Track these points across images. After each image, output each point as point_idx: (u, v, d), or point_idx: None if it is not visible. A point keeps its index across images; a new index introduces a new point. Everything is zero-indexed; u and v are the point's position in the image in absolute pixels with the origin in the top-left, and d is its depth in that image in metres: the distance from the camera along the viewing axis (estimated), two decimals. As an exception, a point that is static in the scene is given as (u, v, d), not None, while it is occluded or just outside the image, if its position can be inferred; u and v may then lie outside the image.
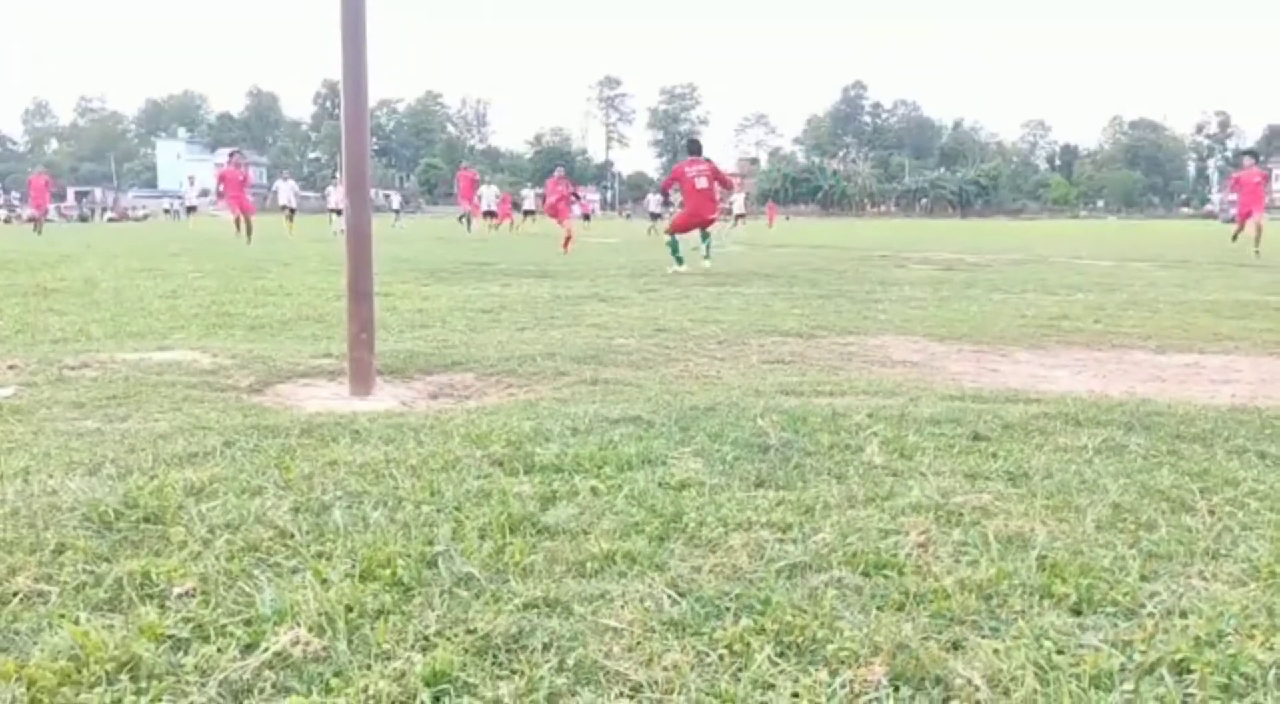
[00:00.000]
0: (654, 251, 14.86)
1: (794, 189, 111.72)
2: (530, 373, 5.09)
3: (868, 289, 10.83)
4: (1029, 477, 2.97)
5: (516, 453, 3.15)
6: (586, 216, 46.67)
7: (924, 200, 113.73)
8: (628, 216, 72.22)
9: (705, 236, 13.78)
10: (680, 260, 13.22)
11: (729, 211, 40.33)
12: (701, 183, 13.48)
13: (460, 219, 30.87)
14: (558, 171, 22.07)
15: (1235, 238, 19.37)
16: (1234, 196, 20.83)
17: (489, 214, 30.89)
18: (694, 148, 14.26)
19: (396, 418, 3.80)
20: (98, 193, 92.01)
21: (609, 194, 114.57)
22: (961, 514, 2.59)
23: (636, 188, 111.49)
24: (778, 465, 3.07)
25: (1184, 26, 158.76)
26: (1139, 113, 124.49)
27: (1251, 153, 21.56)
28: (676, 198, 16.13)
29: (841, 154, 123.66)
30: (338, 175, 35.35)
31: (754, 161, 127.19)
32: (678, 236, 13.52)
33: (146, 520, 2.47)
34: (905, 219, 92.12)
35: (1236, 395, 4.57)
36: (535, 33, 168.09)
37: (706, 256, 13.51)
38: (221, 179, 23.00)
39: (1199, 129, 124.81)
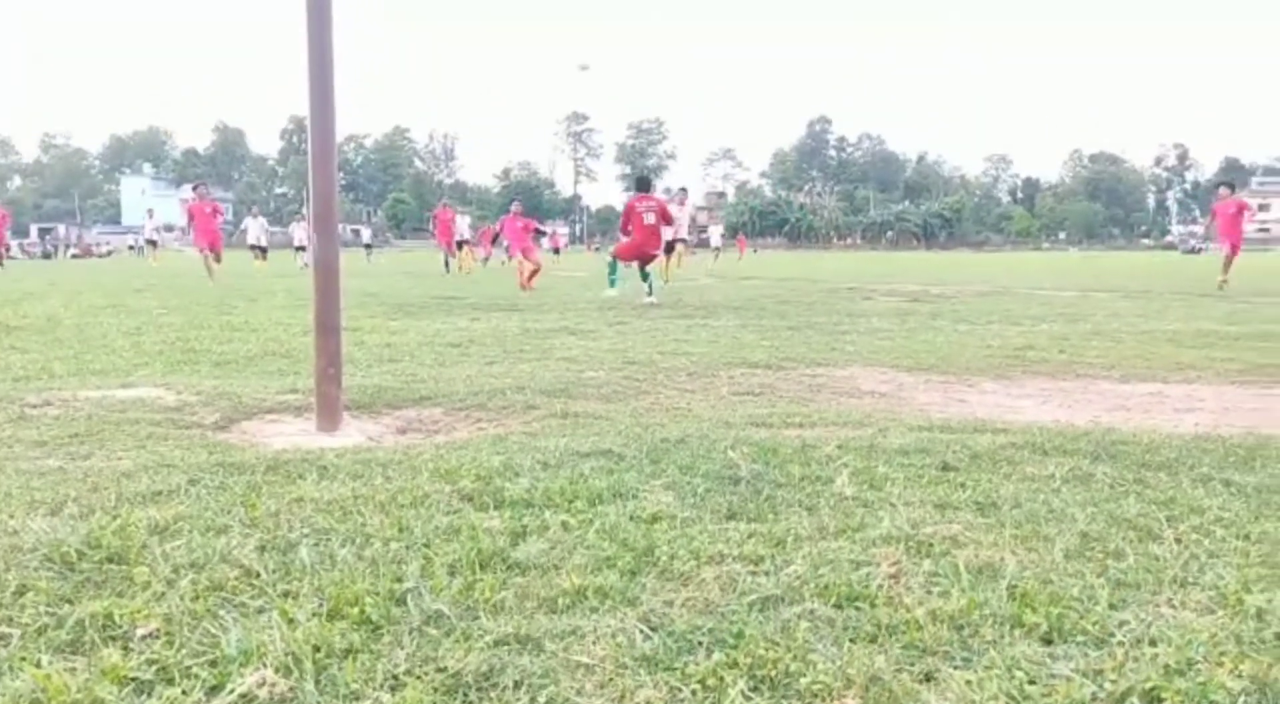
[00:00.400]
0: (630, 280, 14.91)
1: (761, 222, 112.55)
2: (499, 407, 5.07)
3: (835, 321, 10.90)
4: (998, 506, 2.99)
5: (486, 488, 3.13)
6: (556, 250, 46.78)
7: (889, 233, 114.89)
8: (596, 250, 72.45)
9: (645, 275, 14.06)
10: (613, 283, 14.14)
11: (708, 244, 40.60)
12: (650, 219, 14.12)
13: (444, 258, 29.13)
14: (514, 207, 21.11)
15: (1223, 279, 17.96)
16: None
17: (461, 243, 29.51)
18: (643, 185, 15.14)
19: (364, 453, 3.76)
20: (61, 229, 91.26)
21: (578, 228, 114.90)
22: (932, 545, 2.60)
23: (605, 221, 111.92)
24: (749, 497, 3.07)
25: (1142, 61, 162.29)
26: (1099, 146, 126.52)
27: (1227, 183, 20.95)
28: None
29: (807, 187, 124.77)
30: (304, 210, 34.82)
31: (721, 195, 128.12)
32: (621, 267, 14.41)
33: (109, 560, 2.43)
34: (871, 251, 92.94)
35: (1200, 424, 4.63)
36: (503, 68, 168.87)
37: (649, 293, 13.75)
38: (190, 215, 22.05)
39: (1158, 161, 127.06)
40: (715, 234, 42.32)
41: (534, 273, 18.00)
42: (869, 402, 5.48)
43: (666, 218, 14.61)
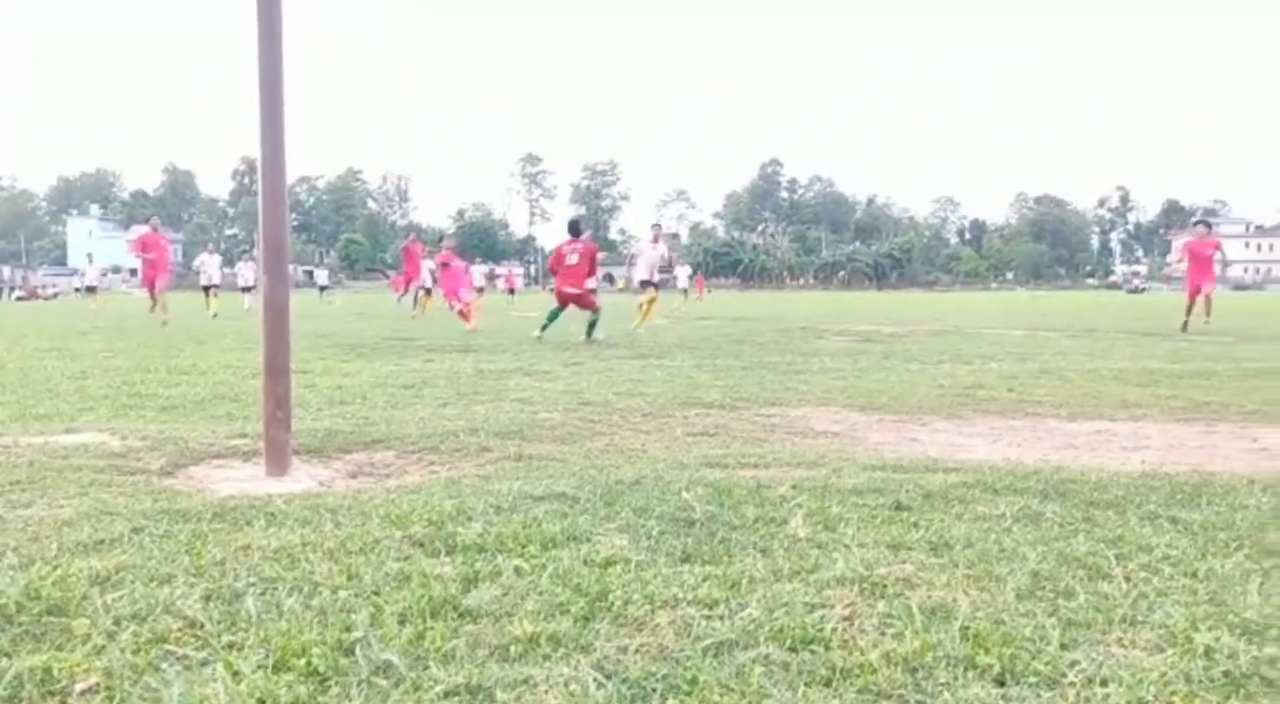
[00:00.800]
0: (576, 323, 14.91)
1: (715, 263, 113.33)
2: (453, 449, 5.03)
3: (789, 361, 10.96)
4: (950, 546, 3.00)
5: (438, 533, 3.09)
6: (511, 291, 46.71)
7: (841, 273, 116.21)
8: (551, 291, 72.65)
9: (593, 319, 14.24)
10: (543, 328, 14.25)
11: (675, 285, 40.44)
12: (572, 259, 14.69)
13: (413, 297, 27.18)
14: (446, 243, 20.03)
15: (1186, 325, 16.78)
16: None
17: (426, 291, 28.01)
18: (572, 229, 15.52)
19: (313, 499, 3.71)
20: (6, 271, 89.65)
21: (532, 268, 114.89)
22: (886, 586, 2.60)
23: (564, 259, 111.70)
24: (703, 540, 3.06)
25: (1085, 105, 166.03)
26: (1043, 189, 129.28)
27: (1204, 221, 20.06)
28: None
29: (760, 228, 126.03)
30: (253, 251, 33.85)
31: (675, 236, 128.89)
32: (560, 311, 14.59)
33: (49, 612, 2.36)
34: (823, 291, 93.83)
35: (1147, 461, 4.69)
36: (457, 109, 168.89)
37: (588, 334, 14.16)
38: (143, 245, 21.14)
39: (1101, 203, 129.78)
40: (683, 275, 42.20)
41: (464, 308, 17.91)
42: (823, 442, 5.50)
43: (591, 260, 14.90)
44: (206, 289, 27.66)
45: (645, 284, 18.83)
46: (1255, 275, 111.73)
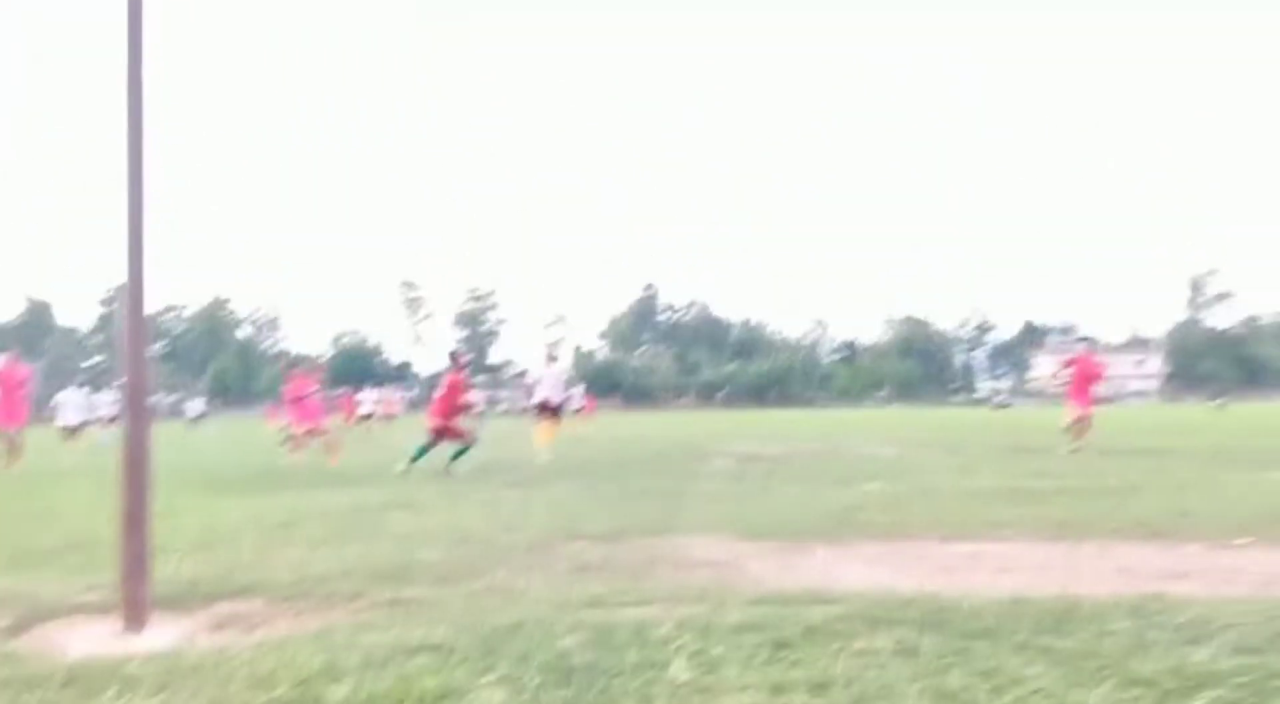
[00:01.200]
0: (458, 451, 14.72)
1: (596, 384, 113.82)
2: (325, 595, 4.85)
3: (672, 485, 10.99)
4: (830, 686, 3.01)
5: (304, 694, 2.96)
6: (390, 417, 45.76)
7: (721, 393, 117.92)
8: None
9: (460, 450, 14.14)
10: (412, 461, 13.55)
11: (569, 406, 39.86)
12: (438, 393, 14.84)
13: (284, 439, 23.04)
14: (298, 371, 19.28)
15: (1074, 435, 16.20)
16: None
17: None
18: (450, 360, 15.88)
19: (172, 659, 3.51)
20: None
21: (409, 394, 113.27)
22: (768, 733, 2.58)
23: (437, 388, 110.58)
24: (583, 690, 3.00)
25: (943, 233, 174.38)
26: (907, 310, 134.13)
27: (1089, 340, 20.36)
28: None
29: (640, 350, 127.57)
30: (111, 383, 31.89)
31: (555, 360, 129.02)
32: (429, 445, 14.10)
33: None
34: (704, 411, 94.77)
35: (1016, 585, 4.81)
36: (330, 236, 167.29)
37: (451, 459, 13.87)
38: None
39: (962, 324, 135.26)
40: (576, 397, 41.80)
41: (307, 432, 17.57)
42: (705, 572, 5.49)
43: (454, 390, 14.81)
44: (65, 430, 26.01)
45: (544, 407, 18.28)
46: (1109, 391, 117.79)
